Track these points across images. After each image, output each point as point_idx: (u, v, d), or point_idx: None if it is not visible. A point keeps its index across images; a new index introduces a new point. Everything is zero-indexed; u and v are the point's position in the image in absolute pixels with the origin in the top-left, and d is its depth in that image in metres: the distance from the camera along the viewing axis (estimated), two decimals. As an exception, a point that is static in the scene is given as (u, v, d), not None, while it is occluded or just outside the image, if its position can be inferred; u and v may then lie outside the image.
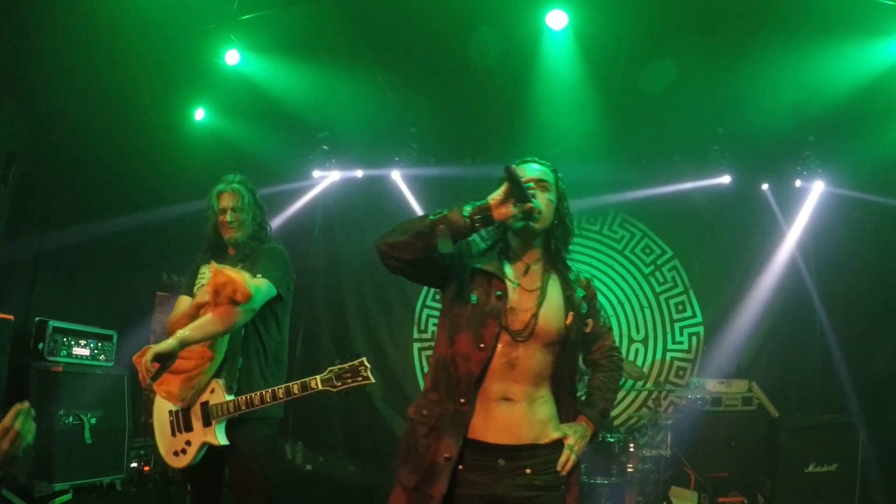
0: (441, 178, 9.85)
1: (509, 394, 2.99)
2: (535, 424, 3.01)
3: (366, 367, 3.64)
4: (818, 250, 9.16)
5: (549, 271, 3.23)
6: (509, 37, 7.30)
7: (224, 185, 4.32)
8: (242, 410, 3.81)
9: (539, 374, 3.06)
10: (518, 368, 3.00)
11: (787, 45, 6.98)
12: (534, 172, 3.27)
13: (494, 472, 2.94)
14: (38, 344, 6.62)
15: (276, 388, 3.76)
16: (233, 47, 7.60)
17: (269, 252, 4.22)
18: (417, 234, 2.93)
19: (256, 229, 4.33)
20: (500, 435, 2.95)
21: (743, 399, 8.00)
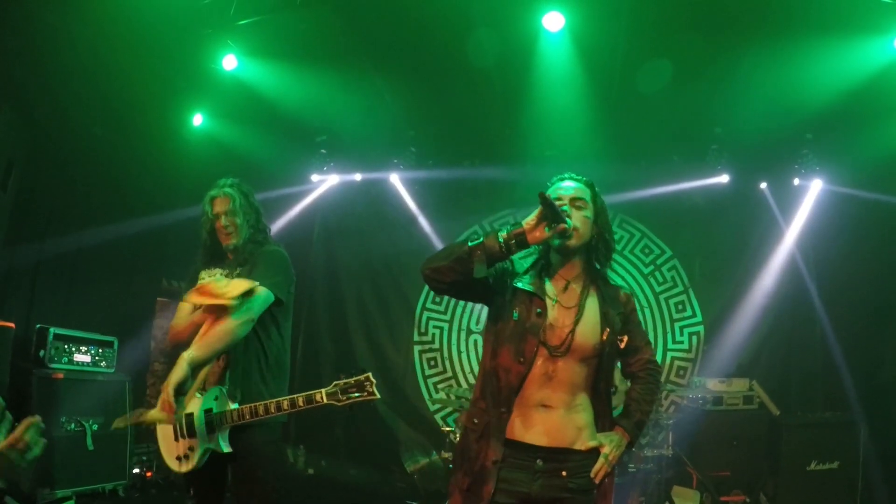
0: (440, 180, 9.88)
1: (548, 401, 3.19)
2: (573, 430, 3.21)
3: (371, 381, 3.68)
4: (817, 248, 9.17)
5: (588, 287, 3.37)
6: (506, 39, 7.30)
7: (216, 190, 4.30)
8: (246, 420, 3.81)
9: (576, 384, 3.25)
10: (556, 379, 3.20)
11: (785, 44, 6.98)
12: (569, 191, 3.46)
13: (532, 472, 3.15)
14: (40, 351, 6.62)
15: (281, 400, 3.76)
16: (230, 52, 7.63)
17: (268, 256, 4.20)
18: (457, 260, 3.14)
19: (253, 232, 4.30)
20: (540, 437, 3.16)
21: (744, 398, 8.02)
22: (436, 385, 9.98)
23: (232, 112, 8.49)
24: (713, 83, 7.76)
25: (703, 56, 7.37)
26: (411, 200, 10.18)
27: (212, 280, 4.03)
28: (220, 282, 3.97)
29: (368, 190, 10.33)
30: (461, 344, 10.06)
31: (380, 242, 10.24)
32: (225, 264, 4.26)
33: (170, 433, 4.01)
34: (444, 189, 10.00)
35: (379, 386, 3.72)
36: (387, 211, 10.28)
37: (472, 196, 10.10)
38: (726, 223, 9.65)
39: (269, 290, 3.98)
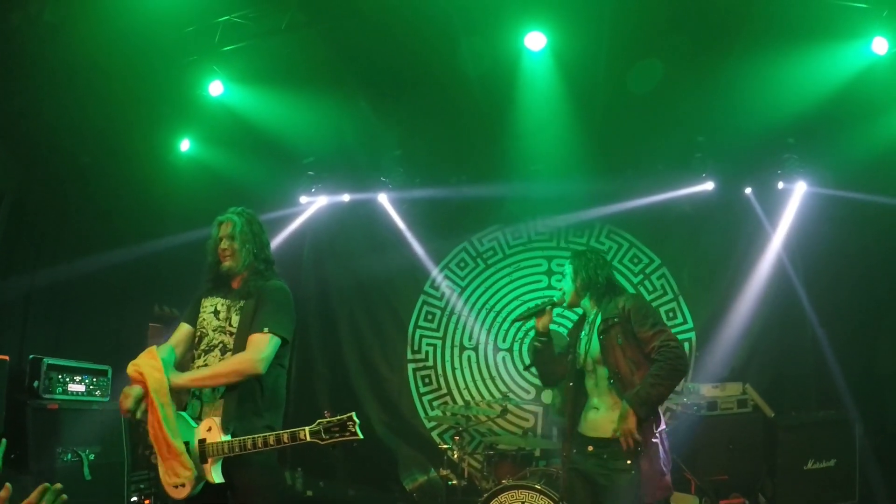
0: (428, 199, 9.92)
1: (596, 404, 4.63)
2: (610, 424, 4.42)
3: (354, 422, 3.75)
4: (804, 250, 9.25)
5: (597, 314, 4.77)
6: (489, 59, 7.41)
7: (223, 215, 4.39)
8: (236, 452, 3.86)
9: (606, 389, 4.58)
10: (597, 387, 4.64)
11: (764, 51, 7.10)
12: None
13: (586, 455, 4.56)
14: (34, 382, 6.58)
15: (268, 436, 3.82)
16: (216, 78, 7.72)
17: (274, 295, 4.25)
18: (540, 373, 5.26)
19: (254, 262, 4.34)
20: (590, 430, 4.58)
21: (738, 402, 8.06)
22: (431, 402, 9.98)
23: (219, 137, 8.53)
24: (695, 92, 7.87)
25: (683, 66, 7.47)
26: (400, 220, 10.22)
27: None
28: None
29: (357, 210, 10.37)
30: (455, 360, 10.08)
31: (370, 262, 10.27)
32: (228, 294, 4.30)
33: (164, 462, 4.03)
34: (433, 207, 10.05)
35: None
36: (376, 231, 10.32)
37: (460, 213, 10.16)
38: (713, 230, 9.72)
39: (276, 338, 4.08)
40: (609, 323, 4.60)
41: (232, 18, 7.04)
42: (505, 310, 10.10)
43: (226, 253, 4.30)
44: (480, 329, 10.08)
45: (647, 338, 4.45)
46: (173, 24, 6.79)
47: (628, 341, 4.52)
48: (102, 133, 7.40)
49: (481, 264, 10.33)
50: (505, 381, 9.88)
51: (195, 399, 4.11)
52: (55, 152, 7.25)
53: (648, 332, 4.46)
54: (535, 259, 10.18)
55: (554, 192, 9.59)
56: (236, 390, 4.01)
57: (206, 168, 8.61)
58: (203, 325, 4.27)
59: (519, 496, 6.27)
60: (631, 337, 4.52)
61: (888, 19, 6.70)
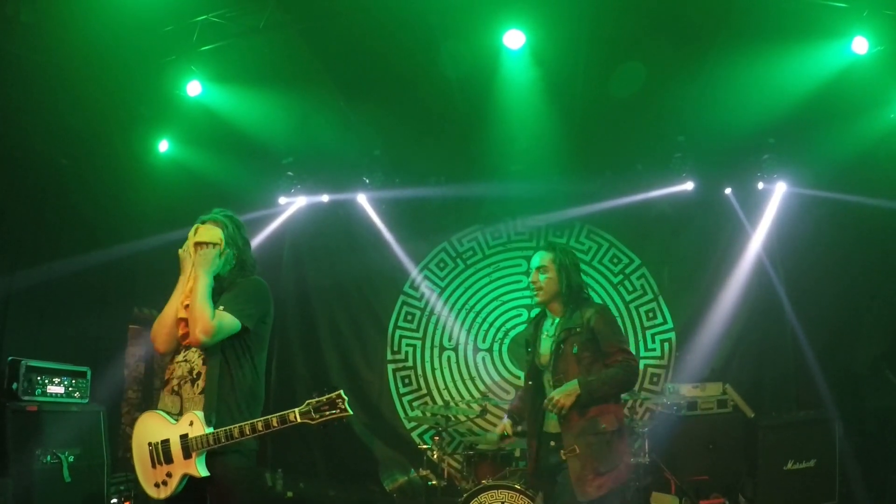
0: (407, 199, 9.91)
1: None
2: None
3: (343, 399, 3.73)
4: (784, 250, 9.31)
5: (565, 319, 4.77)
6: (468, 58, 7.41)
7: (208, 215, 4.34)
8: (222, 443, 3.82)
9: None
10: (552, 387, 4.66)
11: (744, 51, 7.13)
12: (536, 262, 4.93)
13: (549, 451, 4.68)
14: (12, 384, 6.52)
15: (256, 422, 3.80)
16: (194, 78, 7.67)
17: (243, 285, 4.23)
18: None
19: (237, 264, 4.31)
20: (551, 427, 4.69)
21: (718, 402, 8.09)
22: (411, 403, 9.97)
23: (197, 137, 8.50)
24: (674, 92, 7.90)
25: (663, 66, 7.50)
26: (379, 220, 10.22)
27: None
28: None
29: (336, 211, 10.35)
30: (434, 361, 10.08)
31: (350, 263, 10.26)
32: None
33: (147, 460, 4.00)
34: (412, 207, 10.04)
35: (354, 406, 3.79)
36: (355, 231, 10.31)
37: (440, 213, 10.15)
38: (693, 230, 9.77)
39: (234, 318, 4.02)
40: (570, 332, 4.68)
41: (210, 18, 7.00)
42: (485, 310, 10.11)
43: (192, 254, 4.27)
44: (460, 329, 10.09)
45: (612, 352, 4.60)
46: (151, 24, 6.75)
47: (584, 352, 4.62)
48: (80, 134, 7.36)
49: (461, 265, 10.33)
50: (484, 382, 9.89)
51: (175, 395, 4.07)
52: (32, 154, 7.18)
53: (615, 348, 4.62)
54: (514, 259, 10.18)
55: (533, 192, 9.62)
56: (216, 387, 3.98)
57: (184, 169, 8.58)
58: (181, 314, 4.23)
59: (499, 496, 6.26)
60: (590, 348, 4.63)
61: (868, 18, 6.73)
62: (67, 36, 6.34)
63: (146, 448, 4.02)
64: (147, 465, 4.01)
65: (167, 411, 4.03)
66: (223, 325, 3.97)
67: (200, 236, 4.14)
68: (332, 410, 3.72)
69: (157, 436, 3.97)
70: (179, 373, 4.08)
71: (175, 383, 4.08)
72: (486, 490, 6.35)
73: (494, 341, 10.00)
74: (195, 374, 4.03)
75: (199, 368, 4.03)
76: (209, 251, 4.12)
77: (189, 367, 4.06)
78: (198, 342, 3.97)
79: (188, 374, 4.05)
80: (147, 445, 4.02)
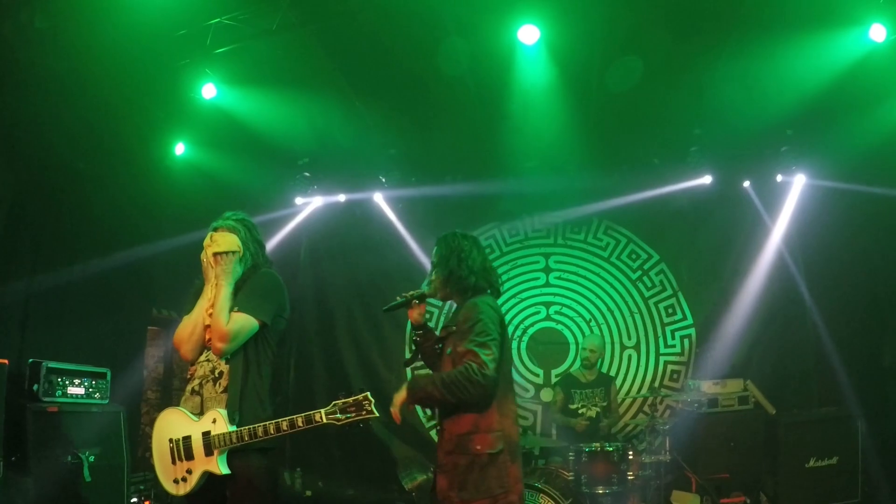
0: (424, 197, 9.93)
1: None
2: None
3: (370, 401, 3.74)
4: (804, 243, 9.21)
5: (446, 317, 4.44)
6: (483, 54, 7.37)
7: (220, 221, 4.34)
8: (245, 441, 3.83)
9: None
10: None
11: (759, 42, 7.05)
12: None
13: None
14: (33, 385, 6.58)
15: (280, 421, 3.80)
16: (209, 81, 7.69)
17: (256, 281, 4.25)
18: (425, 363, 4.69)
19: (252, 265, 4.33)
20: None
21: (739, 398, 8.03)
22: (430, 402, 9.93)
23: (213, 140, 8.51)
24: (690, 85, 7.82)
25: (678, 59, 7.42)
26: (396, 219, 10.23)
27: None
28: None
29: (353, 210, 10.37)
30: (454, 360, 10.02)
31: (367, 262, 10.27)
32: None
33: (167, 456, 4.02)
34: (429, 206, 10.04)
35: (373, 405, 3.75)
36: (372, 230, 10.31)
37: (456, 211, 10.12)
38: (712, 224, 9.70)
39: (250, 317, 4.04)
40: (448, 331, 4.26)
41: (223, 20, 7.00)
42: (503, 307, 10.01)
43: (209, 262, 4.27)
44: (479, 328, 10.01)
45: (462, 353, 3.99)
46: (164, 28, 6.75)
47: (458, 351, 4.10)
48: (97, 138, 7.40)
49: (479, 262, 10.26)
50: (504, 379, 9.82)
51: (195, 395, 4.09)
52: (50, 159, 7.23)
53: (465, 348, 4.00)
54: (532, 256, 10.17)
55: (550, 188, 9.58)
56: (238, 385, 4.00)
57: (200, 171, 8.61)
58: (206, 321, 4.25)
59: (519, 495, 6.23)
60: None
61: (886, 5, 6.64)
62: (82, 42, 6.36)
63: (166, 444, 4.04)
64: (167, 461, 4.03)
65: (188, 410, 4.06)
66: (240, 327, 4.00)
67: (218, 246, 4.16)
68: (358, 412, 3.74)
69: (178, 432, 3.99)
70: (201, 372, 4.10)
71: (196, 383, 4.10)
72: (505, 489, 6.31)
73: (513, 339, 9.95)
74: (217, 372, 4.05)
75: (221, 367, 4.05)
76: (229, 260, 4.16)
77: (211, 367, 4.08)
78: (219, 352, 4.02)
79: (210, 374, 4.07)
80: (168, 442, 4.04)
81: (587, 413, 8.03)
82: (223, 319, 3.98)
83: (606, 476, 6.76)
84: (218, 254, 4.15)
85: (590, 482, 6.76)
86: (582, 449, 6.91)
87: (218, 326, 3.98)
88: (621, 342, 9.71)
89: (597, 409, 8.04)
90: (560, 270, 10.06)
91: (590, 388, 8.16)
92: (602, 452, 6.82)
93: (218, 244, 4.16)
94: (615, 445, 6.89)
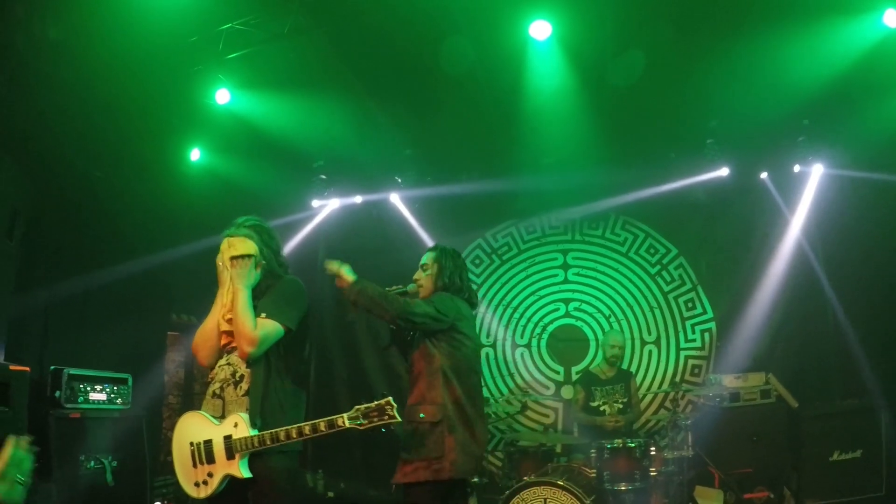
0: (440, 197, 9.91)
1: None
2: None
3: (392, 406, 3.80)
4: (824, 234, 9.10)
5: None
6: (495, 52, 7.36)
7: (233, 229, 4.34)
8: (267, 445, 3.86)
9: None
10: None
11: (774, 30, 6.96)
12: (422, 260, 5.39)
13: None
14: (55, 392, 6.64)
15: (303, 426, 3.84)
16: (222, 86, 7.74)
17: (279, 288, 4.28)
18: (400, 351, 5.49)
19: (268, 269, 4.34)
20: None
21: (761, 392, 7.95)
22: (451, 400, 9.92)
23: (228, 145, 8.57)
24: (704, 77, 7.71)
25: (692, 50, 7.36)
26: (413, 219, 10.23)
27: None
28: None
29: (370, 211, 10.38)
30: (473, 358, 10.02)
31: (385, 262, 10.18)
32: None
33: (188, 459, 4.05)
34: (445, 205, 10.02)
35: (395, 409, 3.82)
36: (390, 231, 10.30)
37: (473, 210, 10.11)
38: (730, 216, 9.62)
39: (276, 324, 4.08)
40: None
41: (234, 26, 7.04)
42: (522, 305, 10.06)
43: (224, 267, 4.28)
44: (498, 325, 10.05)
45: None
46: (176, 35, 6.81)
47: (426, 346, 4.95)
48: (113, 147, 7.46)
49: (496, 260, 10.30)
50: (524, 377, 9.84)
51: (217, 398, 4.11)
52: (67, 168, 7.29)
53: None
54: (550, 253, 10.13)
55: (566, 184, 9.52)
56: (260, 389, 4.03)
57: (216, 176, 8.66)
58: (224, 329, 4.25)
59: (541, 493, 6.20)
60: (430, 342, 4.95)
61: (898, -10, 6.58)
62: (94, 51, 6.40)
63: (187, 447, 4.06)
64: (188, 464, 4.05)
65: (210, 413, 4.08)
66: (267, 333, 4.03)
67: (236, 249, 4.19)
68: (380, 416, 3.79)
69: (199, 436, 4.02)
70: (222, 376, 4.13)
71: (217, 386, 4.12)
72: (528, 487, 6.29)
73: (532, 336, 9.95)
74: (238, 376, 4.08)
75: (243, 371, 4.07)
76: (246, 263, 4.17)
77: (232, 370, 4.10)
78: (246, 355, 4.03)
79: (231, 377, 4.09)
80: (188, 445, 4.06)
81: (610, 411, 7.99)
82: (250, 324, 4.01)
83: (629, 472, 6.73)
84: (235, 258, 4.17)
85: (612, 479, 6.73)
86: (604, 446, 6.88)
87: (245, 331, 4.00)
88: (641, 337, 9.66)
89: (618, 405, 8.02)
90: (578, 267, 10.03)
91: (609, 385, 8.13)
92: (624, 449, 6.79)
93: (235, 248, 4.19)
94: (637, 441, 6.86)
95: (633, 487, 6.69)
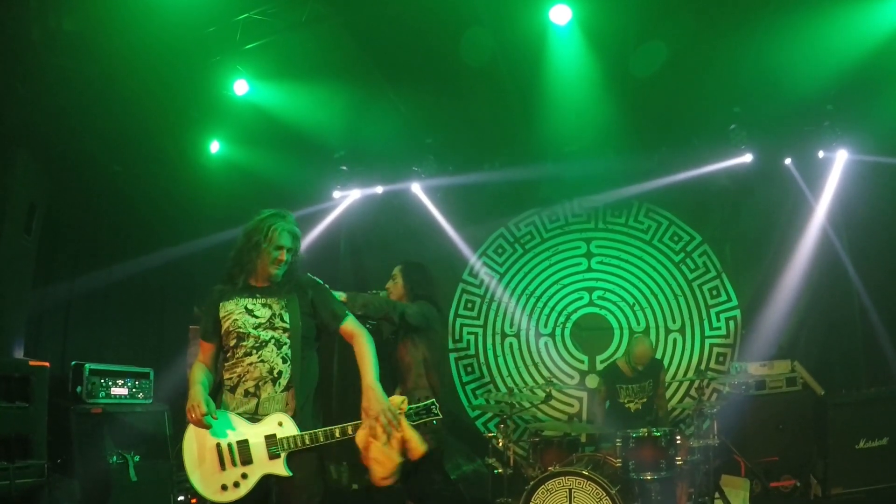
0: (462, 186, 9.86)
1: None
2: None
3: (436, 405, 4.05)
4: (848, 220, 8.99)
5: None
6: (515, 37, 7.30)
7: (287, 223, 4.33)
8: (320, 442, 3.94)
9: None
10: None
11: (797, 15, 6.87)
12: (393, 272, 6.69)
13: None
14: (76, 387, 6.66)
15: (346, 426, 3.93)
16: (241, 77, 7.71)
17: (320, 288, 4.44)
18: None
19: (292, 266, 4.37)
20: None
21: (787, 380, 7.90)
22: (474, 391, 9.93)
23: (248, 136, 8.56)
24: (728, 62, 7.68)
25: (715, 36, 7.30)
26: (435, 208, 10.17)
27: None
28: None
29: (391, 201, 10.34)
30: (497, 348, 10.01)
31: (406, 253, 10.16)
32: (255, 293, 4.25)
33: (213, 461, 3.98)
34: (467, 194, 9.98)
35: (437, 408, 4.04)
36: (411, 221, 10.26)
37: (495, 199, 10.07)
38: (754, 203, 9.50)
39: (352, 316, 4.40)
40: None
41: (252, 16, 7.00)
42: (545, 294, 9.99)
43: (281, 261, 4.25)
44: (521, 315, 9.99)
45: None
46: (193, 26, 6.78)
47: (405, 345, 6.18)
48: (131, 140, 7.47)
49: (519, 249, 10.23)
50: (548, 367, 9.79)
51: (251, 397, 4.04)
52: (86, 162, 7.31)
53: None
54: (573, 241, 10.05)
55: (589, 171, 9.46)
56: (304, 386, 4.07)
57: (237, 168, 8.66)
58: (239, 327, 4.15)
59: (566, 482, 6.16)
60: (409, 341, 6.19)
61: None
62: (111, 44, 6.41)
63: (212, 449, 4.00)
64: (212, 466, 3.99)
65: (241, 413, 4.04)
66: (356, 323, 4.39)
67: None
68: (427, 415, 3.99)
69: (229, 436, 3.97)
70: (256, 374, 4.06)
71: (251, 385, 4.06)
72: (553, 477, 6.25)
73: (556, 325, 9.89)
74: (276, 373, 4.05)
75: (280, 367, 4.06)
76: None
77: (268, 367, 4.06)
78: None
79: (268, 374, 4.05)
80: (215, 447, 3.99)
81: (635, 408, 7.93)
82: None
83: (654, 462, 6.66)
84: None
85: (638, 468, 6.66)
86: (629, 435, 6.81)
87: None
88: (665, 325, 9.58)
89: (644, 400, 7.94)
90: (602, 255, 9.94)
91: (636, 383, 8.01)
92: (650, 438, 6.71)
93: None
94: (663, 430, 6.78)
95: (658, 477, 6.62)
